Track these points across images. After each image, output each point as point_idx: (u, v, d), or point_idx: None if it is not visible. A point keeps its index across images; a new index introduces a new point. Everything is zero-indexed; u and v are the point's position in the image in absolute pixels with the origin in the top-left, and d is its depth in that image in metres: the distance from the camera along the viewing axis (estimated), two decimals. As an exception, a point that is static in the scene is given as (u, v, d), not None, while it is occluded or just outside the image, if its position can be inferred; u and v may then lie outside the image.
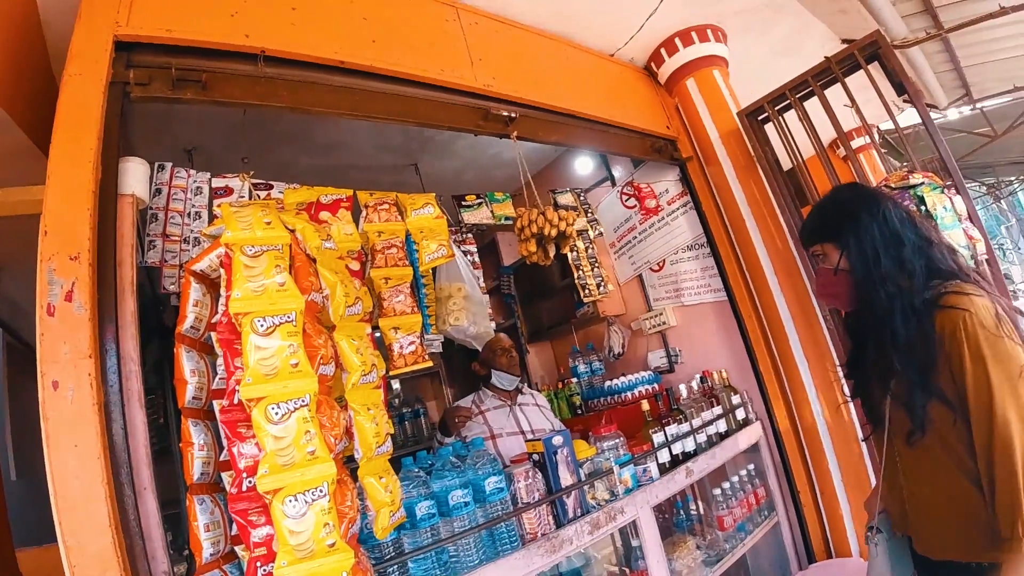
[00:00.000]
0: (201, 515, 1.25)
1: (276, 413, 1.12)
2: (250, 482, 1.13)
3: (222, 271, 1.28)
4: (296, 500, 1.10)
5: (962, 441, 1.25)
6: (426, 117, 2.26)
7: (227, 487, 1.25)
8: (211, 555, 1.25)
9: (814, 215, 1.54)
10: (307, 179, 1.94)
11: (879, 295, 1.33)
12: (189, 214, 1.84)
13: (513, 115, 2.45)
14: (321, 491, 1.13)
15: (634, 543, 2.29)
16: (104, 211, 1.42)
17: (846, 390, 1.74)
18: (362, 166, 3.46)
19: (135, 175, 1.54)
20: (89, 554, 1.14)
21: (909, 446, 1.31)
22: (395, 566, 1.61)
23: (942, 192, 2.25)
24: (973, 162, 7.39)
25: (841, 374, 1.75)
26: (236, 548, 1.29)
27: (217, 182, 1.91)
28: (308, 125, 2.88)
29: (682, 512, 2.71)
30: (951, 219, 2.24)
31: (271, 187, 2.00)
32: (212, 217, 1.79)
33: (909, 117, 4.20)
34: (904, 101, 2.78)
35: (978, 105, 5.17)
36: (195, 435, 1.30)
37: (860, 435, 2.62)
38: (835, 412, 2.73)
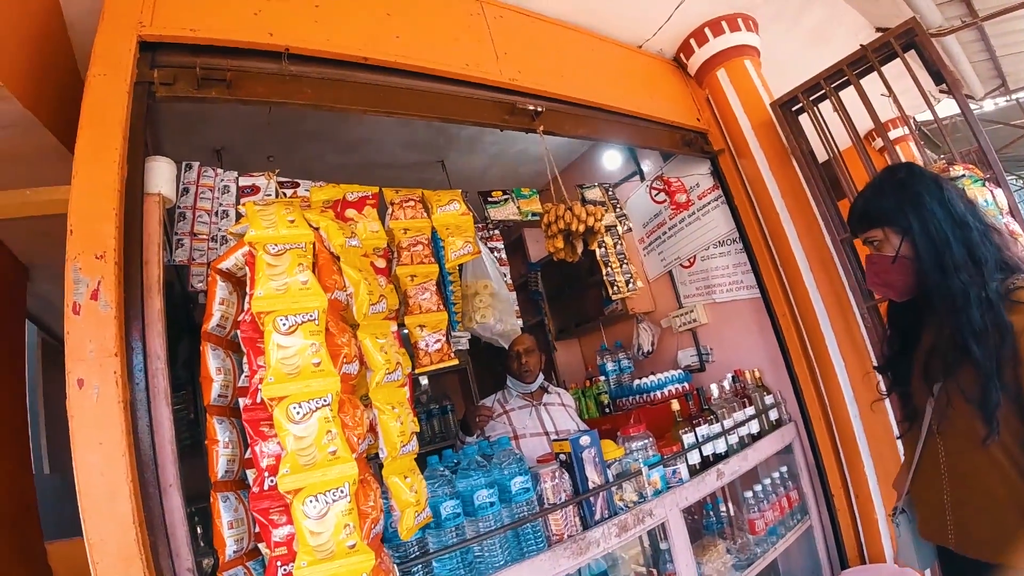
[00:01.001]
0: (225, 512, 1.25)
1: (298, 413, 1.11)
2: (272, 481, 1.12)
3: (247, 270, 1.28)
4: (317, 500, 1.09)
5: (1017, 440, 1.18)
6: (451, 113, 2.23)
7: (250, 485, 1.25)
8: (234, 552, 1.25)
9: (869, 197, 1.42)
10: (333, 177, 1.94)
11: (954, 283, 1.23)
12: (216, 212, 1.86)
13: (539, 109, 2.41)
14: (342, 492, 1.12)
15: (663, 546, 2.24)
16: (130, 210, 1.43)
17: (881, 386, 1.65)
18: (388, 163, 3.46)
19: (161, 174, 1.56)
20: (112, 550, 1.15)
21: (982, 446, 1.22)
22: (419, 565, 1.60)
23: (983, 185, 2.14)
24: (1010, 155, 7.09)
25: (876, 365, 1.65)
26: (260, 545, 1.29)
27: (244, 181, 1.93)
28: (333, 123, 2.89)
29: (712, 514, 2.65)
30: (993, 213, 2.13)
31: (297, 185, 2.01)
32: (238, 216, 1.81)
33: (945, 108, 4.04)
34: (941, 91, 2.65)
35: (1014, 96, 4.97)
36: (220, 433, 1.30)
37: (896, 434, 2.52)
38: (871, 412, 2.63)
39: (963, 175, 2.16)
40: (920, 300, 1.38)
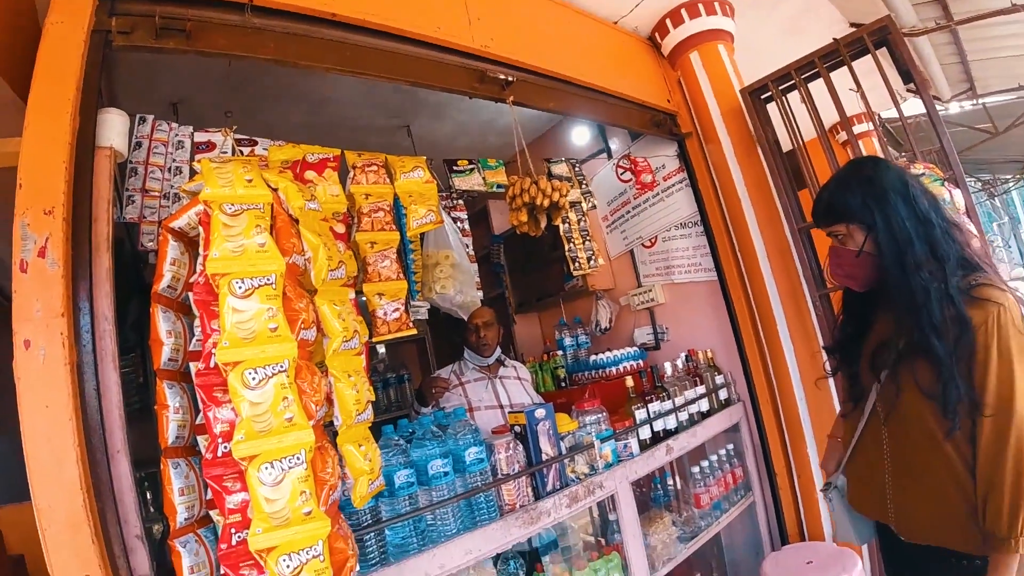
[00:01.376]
0: (175, 479, 1.22)
1: (253, 378, 1.09)
2: (225, 447, 1.10)
3: (200, 229, 1.23)
4: (272, 467, 1.07)
5: (964, 432, 1.23)
6: (419, 76, 2.17)
7: (202, 451, 1.22)
8: (185, 519, 1.23)
9: (835, 191, 1.43)
10: (294, 136, 1.87)
11: (915, 281, 1.26)
12: (170, 169, 1.78)
13: (510, 79, 2.37)
14: (298, 459, 1.10)
15: (611, 517, 2.32)
16: (81, 164, 1.36)
17: (827, 365, 1.71)
18: (352, 125, 3.36)
19: (114, 127, 1.47)
20: (60, 517, 1.12)
21: (931, 438, 1.27)
22: (372, 533, 1.61)
23: (942, 184, 2.22)
24: (971, 157, 7.36)
25: (825, 346, 1.71)
26: (211, 512, 1.27)
27: (199, 136, 1.84)
28: (296, 80, 2.77)
29: (660, 488, 2.74)
30: (950, 213, 2.21)
31: (255, 143, 1.93)
32: (192, 173, 1.73)
33: (911, 107, 4.14)
34: (908, 90, 2.72)
35: (981, 100, 5.12)
36: (170, 398, 1.26)
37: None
38: (816, 396, 2.74)
39: (923, 173, 2.23)
40: (877, 290, 1.42)
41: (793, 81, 2.69)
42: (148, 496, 1.63)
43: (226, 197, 1.18)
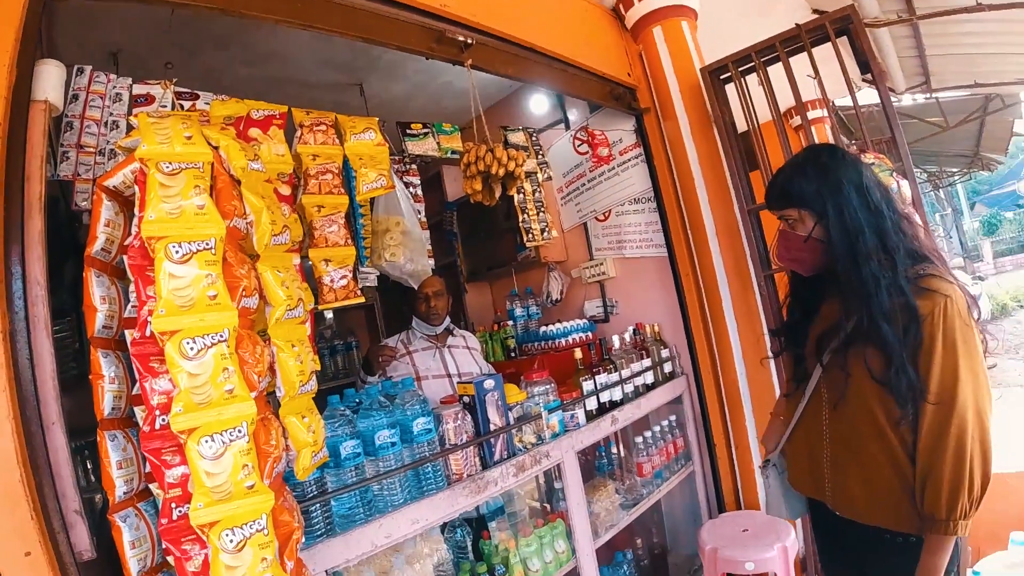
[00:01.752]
0: (113, 452, 1.16)
1: (191, 348, 1.02)
2: (163, 420, 1.04)
3: (136, 188, 1.14)
4: (212, 440, 1.02)
5: (907, 419, 1.27)
6: (374, 33, 2.06)
7: (140, 424, 1.16)
8: (124, 493, 1.17)
9: (790, 175, 1.44)
10: (239, 91, 1.75)
11: (865, 271, 1.28)
12: (107, 123, 1.63)
13: (469, 41, 2.29)
14: (240, 431, 1.06)
15: (557, 485, 2.37)
16: (15, 119, 1.24)
17: (771, 346, 1.76)
18: (301, 81, 3.19)
19: (50, 79, 1.34)
20: None
21: (873, 421, 1.31)
22: (318, 504, 1.59)
23: (891, 175, 2.29)
24: (919, 149, 7.63)
25: (771, 329, 1.76)
26: (151, 486, 1.21)
27: (138, 89, 1.69)
28: (243, 30, 2.59)
29: (604, 457, 2.82)
30: (901, 205, 2.29)
31: (197, 97, 1.79)
32: (130, 128, 1.60)
33: (864, 96, 4.23)
34: (864, 80, 2.77)
35: (935, 95, 5.25)
36: (105, 367, 1.18)
37: (778, 393, 2.76)
38: (757, 372, 2.85)
39: (873, 163, 2.29)
40: (824, 275, 1.45)
41: (753, 64, 2.70)
42: (88, 466, 1.54)
43: (163, 155, 1.09)
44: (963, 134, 7.24)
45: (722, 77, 2.87)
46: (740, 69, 2.77)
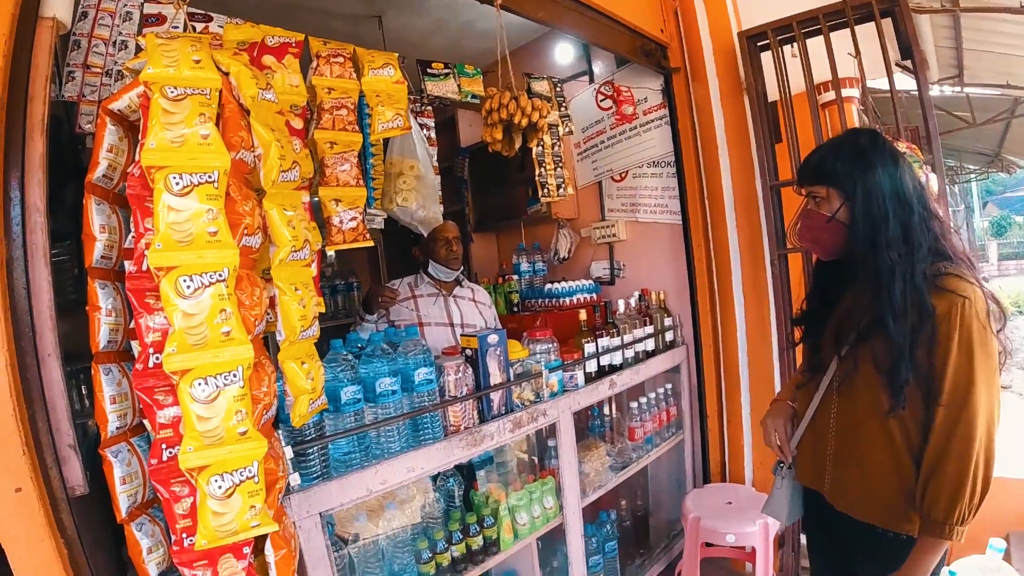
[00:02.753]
0: (107, 386, 1.13)
1: (188, 286, 0.98)
2: (157, 358, 1.01)
3: (141, 113, 1.06)
4: (206, 383, 0.99)
5: (915, 418, 1.26)
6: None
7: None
8: (117, 428, 1.15)
9: (825, 153, 1.41)
10: (254, 15, 1.63)
11: (882, 258, 1.26)
12: (115, 43, 1.54)
13: (501, -21, 2.15)
14: (235, 376, 1.02)
15: (550, 443, 2.38)
16: (21, 37, 1.16)
17: (773, 329, 1.72)
18: (317, 8, 3.01)
19: None
20: None
21: (878, 414, 1.30)
22: (315, 448, 1.58)
23: (921, 167, 2.20)
24: (942, 142, 7.45)
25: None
26: (145, 422, 1.19)
27: (149, 8, 1.58)
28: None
29: (597, 419, 2.83)
30: (933, 204, 2.21)
31: (210, 19, 1.68)
32: (139, 49, 1.51)
33: (896, 83, 4.12)
34: (898, 64, 2.63)
35: (966, 89, 5.12)
36: (102, 298, 1.14)
37: (777, 374, 2.74)
38: (758, 350, 2.83)
39: (905, 152, 2.19)
40: (846, 263, 1.41)
41: (793, 34, 2.55)
42: (84, 390, 1.53)
43: (168, 78, 1.01)
44: (988, 132, 7.09)
45: (759, 44, 2.71)
46: (779, 38, 2.62)
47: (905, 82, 2.83)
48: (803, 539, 2.55)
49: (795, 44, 2.56)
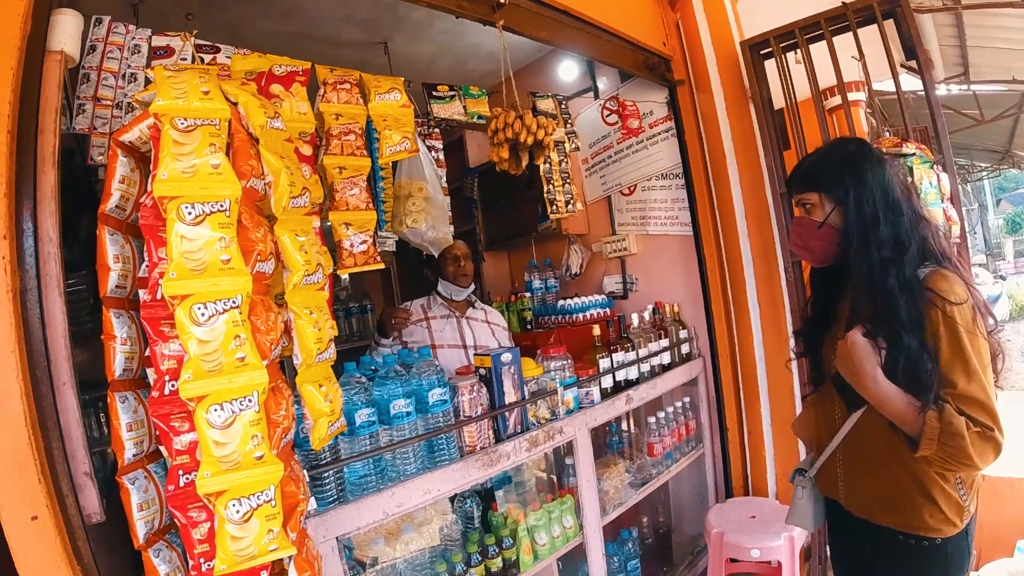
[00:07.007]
0: (123, 414, 1.14)
1: (203, 314, 0.99)
2: (173, 385, 1.02)
3: (152, 144, 1.09)
4: (222, 409, 1.00)
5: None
6: (403, -12, 1.97)
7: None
8: (134, 455, 1.16)
9: (814, 160, 1.44)
10: (261, 46, 1.67)
11: (872, 259, 1.28)
12: (124, 75, 1.58)
13: (502, 0, 2.19)
14: (250, 401, 1.03)
15: (568, 460, 2.35)
16: (29, 71, 1.20)
17: (793, 346, 1.72)
18: (324, 38, 3.09)
19: (67, 29, 1.28)
20: (6, 454, 1.05)
21: (877, 414, 1.28)
22: (331, 471, 1.58)
23: (931, 167, 2.19)
24: (952, 141, 7.41)
25: (795, 330, 1.71)
26: (161, 448, 1.20)
27: (157, 40, 1.63)
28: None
29: (615, 435, 2.80)
30: (934, 196, 2.19)
31: (218, 50, 1.72)
32: (148, 81, 1.55)
33: (902, 84, 4.12)
34: (903, 65, 2.63)
35: (972, 87, 5.12)
36: (117, 327, 1.16)
37: (797, 384, 2.70)
38: (776, 359, 2.79)
39: (915, 153, 2.18)
40: (840, 271, 1.43)
41: (796, 40, 2.56)
42: (100, 418, 1.55)
43: (178, 110, 1.04)
44: (997, 129, 7.07)
45: (762, 52, 2.72)
46: (782, 45, 2.63)
47: (911, 83, 2.82)
48: (828, 551, 2.49)
49: (798, 51, 2.57)
